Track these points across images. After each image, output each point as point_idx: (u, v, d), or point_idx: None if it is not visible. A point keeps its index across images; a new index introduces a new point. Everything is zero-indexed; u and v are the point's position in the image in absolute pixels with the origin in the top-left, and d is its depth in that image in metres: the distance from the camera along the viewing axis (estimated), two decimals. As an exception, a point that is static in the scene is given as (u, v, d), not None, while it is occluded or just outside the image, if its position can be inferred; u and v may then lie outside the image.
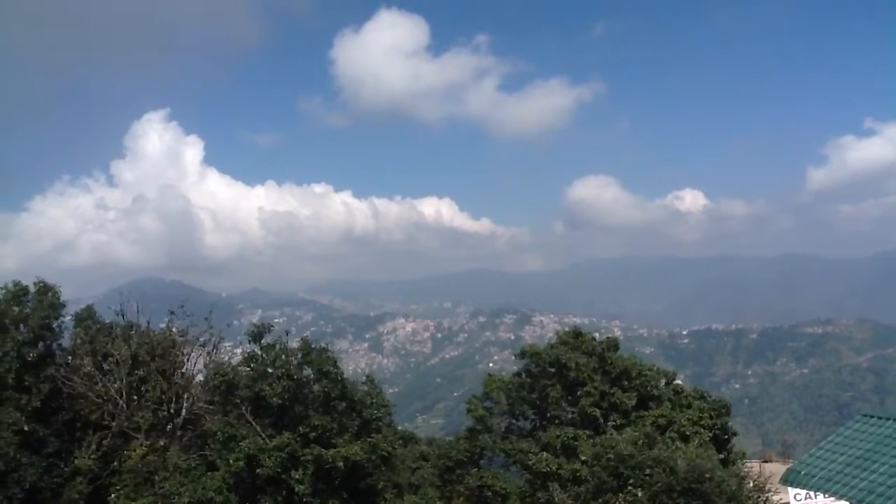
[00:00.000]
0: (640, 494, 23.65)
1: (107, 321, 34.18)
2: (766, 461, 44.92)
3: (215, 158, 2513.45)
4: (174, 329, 33.99)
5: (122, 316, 34.14)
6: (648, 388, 37.24)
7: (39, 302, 32.13)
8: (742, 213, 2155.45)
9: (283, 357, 31.78)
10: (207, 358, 33.86)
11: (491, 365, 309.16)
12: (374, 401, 32.79)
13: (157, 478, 28.54)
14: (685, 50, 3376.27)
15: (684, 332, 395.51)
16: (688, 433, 34.32)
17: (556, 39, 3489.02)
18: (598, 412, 35.59)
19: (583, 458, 32.23)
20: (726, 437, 37.57)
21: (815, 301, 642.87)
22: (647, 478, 23.62)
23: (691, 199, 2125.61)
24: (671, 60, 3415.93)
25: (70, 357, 32.78)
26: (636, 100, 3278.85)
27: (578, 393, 36.35)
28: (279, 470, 28.56)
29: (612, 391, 36.44)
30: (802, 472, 22.82)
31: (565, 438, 34.56)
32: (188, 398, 31.98)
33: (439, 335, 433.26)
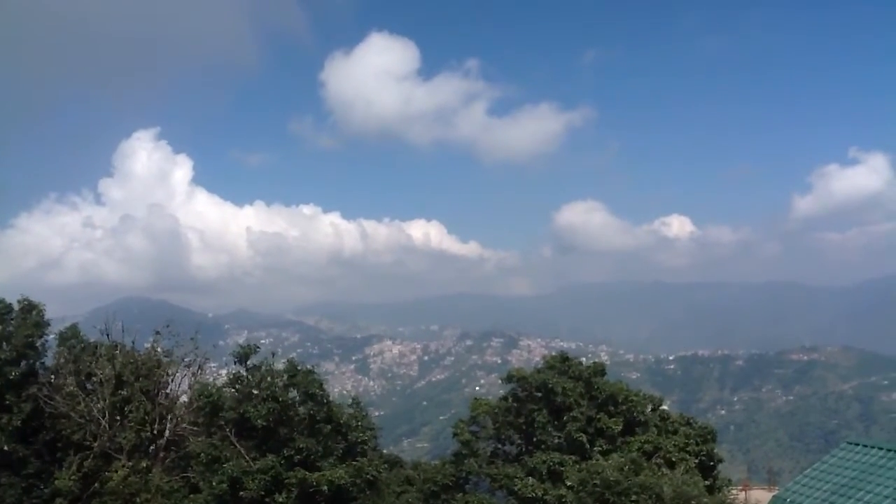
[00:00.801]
0: (625, 521, 23.56)
1: (91, 340, 34.02)
2: (743, 489, 44.78)
3: (204, 178, 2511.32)
4: (159, 349, 33.81)
5: (107, 335, 33.94)
6: (635, 414, 37.19)
7: (23, 320, 31.93)
8: (729, 240, 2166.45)
9: (269, 378, 31.59)
10: (192, 378, 33.65)
11: (478, 388, 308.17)
12: (360, 424, 32.61)
13: (139, 500, 28.28)
14: (673, 78, 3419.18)
15: (671, 358, 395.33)
16: (674, 459, 34.25)
17: (546, 65, 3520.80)
18: (584, 437, 35.49)
19: (569, 483, 32.11)
20: (712, 463, 37.47)
21: (801, 328, 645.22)
22: (633, 504, 23.55)
23: (678, 225, 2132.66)
24: (659, 88, 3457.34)
25: (53, 376, 32.54)
26: (624, 126, 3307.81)
27: (565, 418, 36.24)
28: (263, 493, 28.28)
29: (598, 416, 36.36)
30: (788, 500, 22.84)
31: (551, 464, 34.43)
32: (172, 419, 31.77)
33: (426, 358, 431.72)
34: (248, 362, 32.67)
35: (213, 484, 28.27)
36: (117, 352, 32.86)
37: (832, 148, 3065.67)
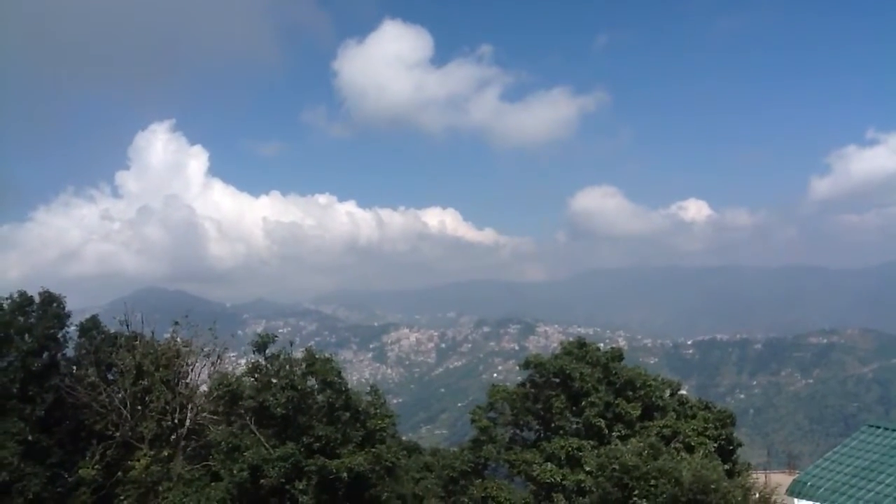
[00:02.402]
0: (644, 505, 23.54)
1: (111, 331, 34.27)
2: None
3: (220, 169, 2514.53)
4: (178, 339, 34.00)
5: (127, 326, 34.17)
6: (653, 399, 37.14)
7: (44, 312, 32.23)
8: (746, 223, 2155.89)
9: (287, 367, 31.75)
10: (211, 368, 33.88)
11: (495, 375, 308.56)
12: (378, 411, 32.69)
13: (160, 488, 28.55)
14: (687, 60, 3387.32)
15: (689, 343, 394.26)
16: (693, 444, 34.20)
17: (558, 50, 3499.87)
18: (602, 423, 35.49)
19: (587, 468, 32.14)
20: (731, 447, 37.39)
21: (819, 311, 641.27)
22: (652, 489, 23.51)
23: (695, 209, 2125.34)
24: (673, 70, 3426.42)
25: (74, 367, 32.86)
26: (639, 110, 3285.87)
27: (583, 403, 36.25)
28: (283, 480, 28.48)
29: (616, 402, 36.34)
30: (809, 484, 22.75)
31: (570, 449, 34.47)
32: (192, 408, 31.98)
33: (443, 345, 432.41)
34: (267, 351, 32.84)
35: (234, 472, 28.48)
36: (137, 342, 33.07)
37: (850, 129, 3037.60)
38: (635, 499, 23.94)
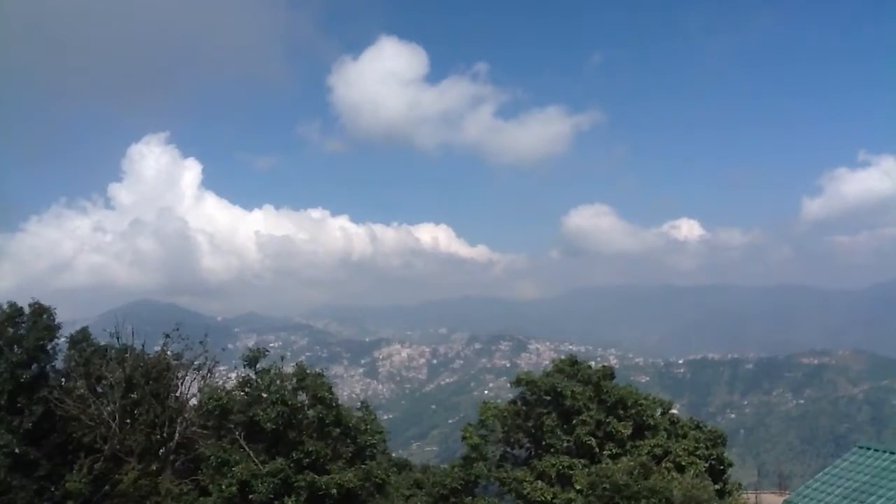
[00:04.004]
0: (635, 525, 23.51)
1: (102, 343, 34.07)
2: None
3: (213, 182, 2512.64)
4: (169, 352, 33.86)
5: (118, 338, 33.98)
6: (644, 418, 37.09)
7: (34, 323, 32.03)
8: (739, 243, 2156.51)
9: (278, 382, 31.67)
10: (202, 382, 33.70)
11: (486, 392, 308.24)
12: (369, 427, 32.63)
13: (149, 502, 28.36)
14: (680, 79, 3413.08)
15: (680, 362, 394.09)
16: (684, 463, 34.14)
17: (553, 67, 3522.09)
18: (593, 441, 35.42)
19: (578, 487, 32.06)
20: (722, 467, 37.33)
21: (811, 332, 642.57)
22: (643, 508, 23.48)
23: (687, 228, 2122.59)
24: (666, 90, 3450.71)
25: (64, 379, 32.65)
26: (632, 128, 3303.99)
27: (574, 421, 36.17)
28: (272, 496, 28.35)
29: (607, 420, 36.28)
30: (799, 504, 22.72)
31: (561, 467, 34.37)
32: (182, 422, 31.81)
33: (435, 361, 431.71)
34: (258, 366, 32.78)
35: (223, 487, 28.34)
36: (127, 355, 32.91)
37: (841, 151, 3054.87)
38: (626, 518, 23.91)
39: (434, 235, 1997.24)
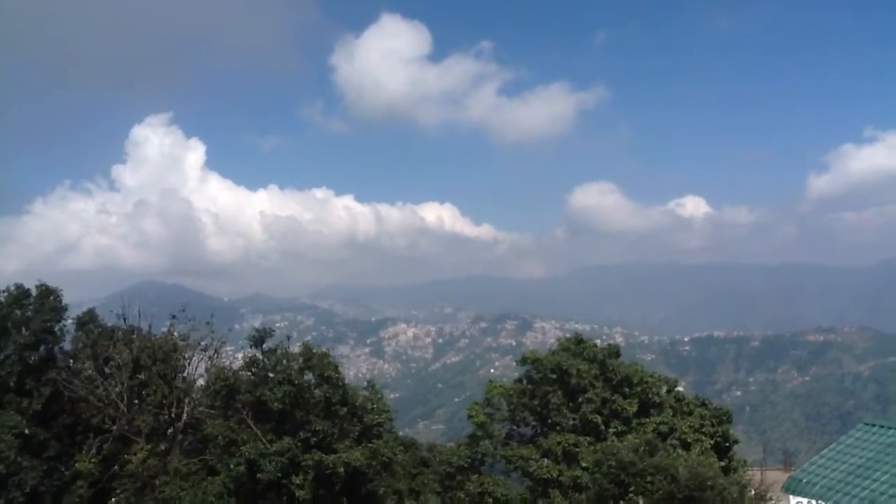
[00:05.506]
0: (641, 502, 23.62)
1: (108, 325, 34.22)
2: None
3: (217, 162, 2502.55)
4: (175, 333, 33.96)
5: (124, 320, 34.14)
6: (650, 395, 37.22)
7: (41, 305, 32.15)
8: (744, 221, 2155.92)
9: (285, 362, 31.79)
10: (209, 362, 33.83)
11: (492, 371, 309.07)
12: (375, 406, 32.76)
13: (157, 482, 28.55)
14: (686, 57, 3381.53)
15: (686, 340, 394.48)
16: (689, 440, 34.29)
17: (557, 46, 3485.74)
18: (599, 419, 35.57)
19: (584, 464, 32.26)
20: (727, 444, 37.49)
21: (816, 309, 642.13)
22: (649, 485, 23.57)
23: (693, 206, 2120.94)
24: (672, 67, 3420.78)
25: (71, 361, 32.81)
26: (637, 106, 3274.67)
27: (580, 399, 36.31)
28: (280, 475, 28.54)
29: (613, 398, 36.41)
30: (804, 481, 22.81)
31: (566, 445, 34.56)
32: (189, 402, 31.96)
33: (440, 341, 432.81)
34: (264, 346, 32.90)
35: (231, 466, 28.55)
36: (134, 336, 33.05)
37: (847, 127, 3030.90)
38: (631, 495, 24.02)
39: (439, 214, 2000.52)
